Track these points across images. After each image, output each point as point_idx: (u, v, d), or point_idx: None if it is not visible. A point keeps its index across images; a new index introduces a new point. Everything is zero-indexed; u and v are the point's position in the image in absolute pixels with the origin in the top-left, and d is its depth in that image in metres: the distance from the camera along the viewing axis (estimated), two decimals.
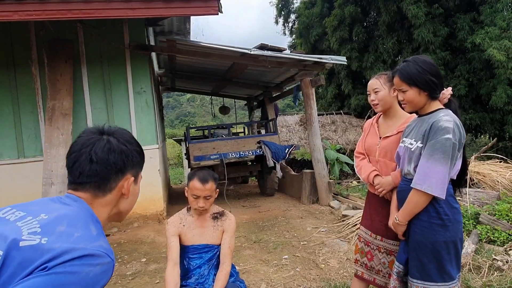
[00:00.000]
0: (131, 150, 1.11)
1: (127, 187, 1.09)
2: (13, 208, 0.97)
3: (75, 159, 1.04)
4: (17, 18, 3.93)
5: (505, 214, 3.85)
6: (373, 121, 2.52)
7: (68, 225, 0.90)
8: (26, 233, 0.85)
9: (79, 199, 1.02)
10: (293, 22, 17.52)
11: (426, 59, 1.98)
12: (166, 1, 4.27)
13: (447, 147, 1.78)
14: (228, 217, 2.42)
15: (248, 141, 6.78)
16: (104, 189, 1.05)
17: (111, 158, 1.05)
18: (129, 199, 1.13)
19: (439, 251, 1.86)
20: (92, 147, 1.04)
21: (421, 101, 1.95)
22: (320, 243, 4.42)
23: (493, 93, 9.84)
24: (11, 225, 0.89)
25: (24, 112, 5.06)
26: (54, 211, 0.94)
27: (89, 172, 1.03)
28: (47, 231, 0.87)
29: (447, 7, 11.12)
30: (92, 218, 1.00)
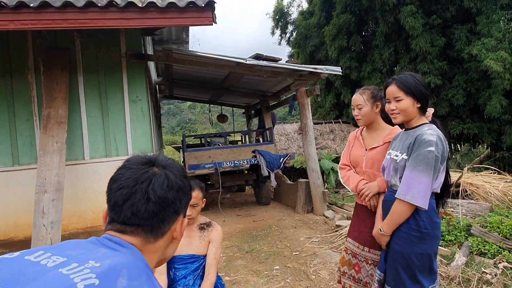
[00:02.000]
0: (187, 186, 0.96)
1: (180, 230, 0.94)
2: (46, 251, 0.78)
3: (126, 197, 0.86)
4: (13, 27, 3.97)
5: (496, 226, 3.85)
6: (357, 133, 2.57)
7: (130, 278, 0.74)
8: (82, 286, 0.67)
9: (129, 245, 0.84)
10: (290, 33, 17.64)
11: (420, 75, 2.10)
12: (161, 12, 4.31)
13: (430, 159, 1.82)
14: (215, 228, 2.43)
15: (243, 150, 6.79)
16: (157, 233, 0.88)
17: (170, 196, 0.89)
18: (176, 243, 0.96)
19: (414, 261, 1.91)
20: (149, 183, 0.87)
21: (413, 112, 2.01)
22: (312, 253, 4.41)
23: (488, 102, 9.88)
24: (54, 273, 0.70)
25: (19, 120, 5.08)
26: (104, 257, 0.77)
27: (145, 213, 0.86)
28: (107, 284, 0.70)
29: (444, 17, 11.21)
30: (150, 270, 0.82)
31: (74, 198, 5.08)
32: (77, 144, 5.24)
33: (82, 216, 5.24)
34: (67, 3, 4.04)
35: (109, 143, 5.37)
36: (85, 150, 5.28)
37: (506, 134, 10.28)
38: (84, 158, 5.28)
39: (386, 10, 11.45)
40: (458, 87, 10.88)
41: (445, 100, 11.05)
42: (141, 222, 0.86)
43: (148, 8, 4.29)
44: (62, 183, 4.59)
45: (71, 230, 5.17)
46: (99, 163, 5.33)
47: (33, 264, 0.73)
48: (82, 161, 5.26)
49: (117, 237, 0.85)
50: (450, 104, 10.98)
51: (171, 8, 4.34)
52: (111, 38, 5.26)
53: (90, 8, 4.15)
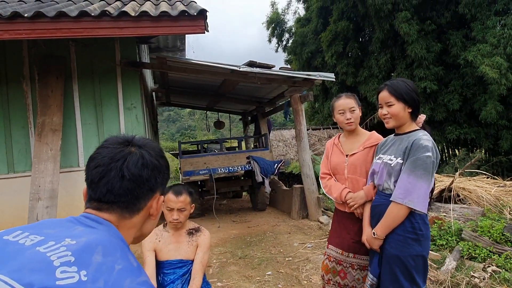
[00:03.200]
0: (162, 165, 0.97)
1: (156, 207, 0.96)
2: (24, 230, 0.80)
3: (102, 174, 0.89)
4: (8, 37, 4.04)
5: (487, 230, 3.86)
6: (335, 140, 2.59)
7: (104, 254, 0.76)
8: (58, 263, 0.70)
9: (105, 222, 0.87)
10: (286, 40, 17.78)
11: (411, 81, 2.13)
12: (153, 20, 4.38)
13: (428, 164, 1.87)
14: (203, 233, 2.45)
15: (239, 156, 6.83)
16: (132, 210, 0.91)
17: (144, 174, 0.91)
18: (154, 220, 1.00)
19: (412, 264, 1.93)
20: (124, 162, 0.89)
21: (405, 117, 2.05)
22: (305, 259, 4.42)
23: (483, 108, 9.92)
24: (31, 252, 0.72)
25: (15, 128, 5.13)
26: (80, 235, 0.79)
27: (120, 190, 0.89)
28: (82, 261, 0.72)
29: (439, 23, 11.29)
30: (125, 245, 0.85)
31: (69, 205, 5.10)
32: (72, 151, 5.28)
33: None
34: (61, 13, 4.11)
35: None
36: (80, 157, 5.32)
37: (503, 139, 10.31)
38: (79, 165, 5.31)
39: (381, 17, 11.54)
40: (454, 92, 10.94)
41: (442, 105, 11.09)
42: (116, 199, 0.89)
43: (141, 17, 4.36)
44: (56, 190, 4.62)
45: None
46: None
47: (12, 243, 0.75)
48: (77, 168, 5.29)
49: (94, 215, 0.88)
50: (447, 109, 11.02)
51: (164, 17, 4.41)
52: (106, 46, 5.33)
53: (84, 18, 4.22)
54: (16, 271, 0.68)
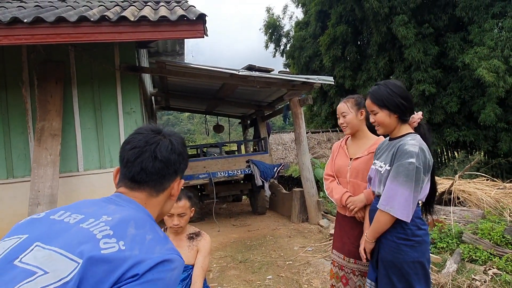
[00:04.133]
0: (186, 153, 1.14)
1: (176, 188, 1.12)
2: (66, 210, 0.95)
3: (137, 154, 1.03)
4: (7, 42, 4.04)
5: (487, 233, 3.86)
6: (342, 143, 2.57)
7: (137, 227, 0.91)
8: (100, 236, 0.85)
9: (133, 201, 1.02)
10: (284, 45, 17.83)
11: (397, 83, 2.05)
12: (153, 25, 4.39)
13: (410, 171, 1.81)
14: (203, 238, 2.45)
15: (238, 160, 6.83)
16: (159, 189, 1.06)
17: (172, 158, 1.07)
18: (173, 200, 1.16)
19: (408, 271, 1.89)
20: (157, 145, 1.05)
21: (392, 124, 2.01)
22: (305, 262, 4.41)
23: (482, 110, 9.94)
24: (77, 228, 0.87)
25: (14, 133, 5.12)
26: (114, 212, 0.94)
27: (152, 169, 1.03)
28: (120, 234, 0.86)
29: (437, 26, 11.35)
30: (152, 220, 1.01)
31: None
32: (71, 156, 5.27)
33: None
34: (60, 18, 4.12)
35: (103, 154, 5.40)
36: (79, 162, 5.31)
37: (502, 141, 10.33)
38: (78, 170, 5.30)
39: (378, 20, 11.60)
40: (453, 95, 10.97)
41: (440, 108, 11.12)
42: (147, 178, 1.03)
43: (140, 22, 4.37)
44: (56, 195, 4.61)
45: None
46: (93, 175, 5.35)
47: (59, 222, 0.90)
48: (76, 173, 5.28)
49: (124, 195, 1.03)
50: (445, 112, 11.05)
51: (163, 22, 4.42)
52: (105, 51, 5.33)
53: (83, 23, 4.23)
54: (67, 244, 0.83)
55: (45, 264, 0.80)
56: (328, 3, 13.74)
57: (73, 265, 0.80)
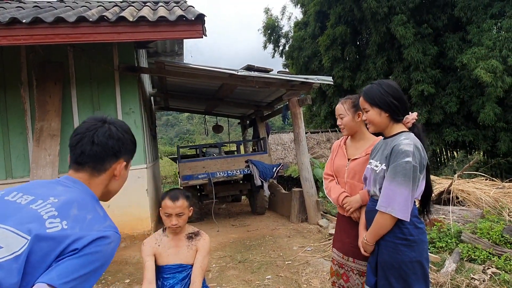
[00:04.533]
0: (127, 139, 1.28)
1: (119, 169, 1.25)
2: (18, 191, 1.08)
3: (78, 140, 1.20)
4: (6, 43, 4.05)
5: (486, 232, 3.86)
6: (341, 142, 2.57)
7: (79, 208, 1.06)
8: (46, 217, 0.99)
9: (78, 181, 1.17)
10: (283, 46, 17.85)
11: (391, 83, 2.06)
12: (151, 25, 4.40)
13: (408, 170, 1.82)
14: (203, 237, 2.44)
15: (237, 160, 6.83)
16: (99, 169, 1.20)
17: (110, 142, 1.21)
18: (118, 181, 1.28)
19: (406, 271, 1.88)
20: (95, 132, 1.20)
21: (383, 122, 2.01)
22: (304, 262, 4.41)
23: (481, 110, 9.95)
24: (27, 209, 1.01)
25: (13, 133, 5.13)
26: (61, 194, 1.08)
27: (90, 152, 1.18)
28: (63, 214, 1.01)
29: (435, 26, 11.36)
30: (94, 199, 1.17)
31: None
32: None
33: None
34: (59, 18, 4.13)
35: None
36: None
37: (501, 140, 10.34)
38: None
39: (377, 20, 11.61)
40: (452, 95, 10.98)
41: (439, 108, 11.13)
42: (87, 159, 1.19)
43: (139, 22, 4.38)
44: None
45: None
46: None
47: (12, 203, 1.04)
48: None
49: (71, 177, 1.19)
50: (444, 112, 11.06)
51: (162, 22, 4.43)
52: (104, 51, 5.34)
53: (82, 23, 4.24)
54: (18, 223, 0.97)
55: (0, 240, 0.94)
56: (327, 3, 13.75)
57: (23, 241, 0.94)
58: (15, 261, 0.92)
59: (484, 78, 8.96)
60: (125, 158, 1.27)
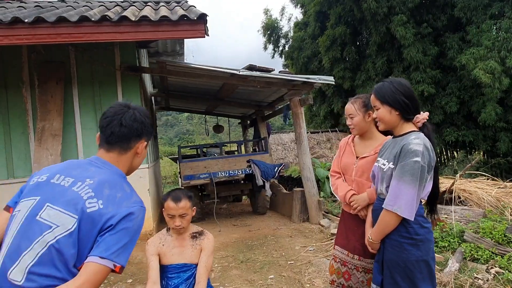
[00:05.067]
0: (148, 122, 1.51)
1: (141, 148, 1.48)
2: (60, 173, 1.32)
3: (108, 122, 1.41)
4: (8, 42, 4.04)
5: (489, 232, 3.86)
6: (349, 140, 2.57)
7: (110, 188, 1.29)
8: (86, 197, 1.23)
9: (107, 162, 1.40)
10: (283, 46, 17.84)
11: (402, 81, 2.05)
12: (154, 25, 4.39)
13: (416, 170, 1.82)
14: (207, 237, 2.44)
15: (239, 160, 6.82)
16: (126, 148, 1.42)
17: (135, 125, 1.43)
18: (140, 158, 1.51)
19: (412, 270, 1.89)
20: (122, 115, 1.42)
21: (393, 120, 2.01)
22: (307, 262, 4.41)
23: (483, 110, 9.96)
24: (71, 192, 1.26)
25: (14, 133, 5.12)
26: (94, 175, 1.32)
27: (119, 132, 1.40)
28: (98, 194, 1.25)
29: (435, 27, 11.37)
30: (122, 177, 1.40)
31: None
32: (72, 156, 5.26)
33: None
34: (61, 18, 4.12)
35: None
36: None
37: (501, 140, 10.35)
38: None
39: (377, 20, 11.61)
40: (452, 95, 10.99)
41: (439, 108, 11.14)
42: (116, 139, 1.40)
43: (141, 21, 4.37)
44: None
45: None
46: None
47: (58, 185, 1.28)
48: None
49: (102, 158, 1.41)
50: (444, 112, 11.06)
51: (164, 22, 4.42)
52: (106, 51, 5.34)
53: (84, 23, 4.23)
54: (66, 205, 1.22)
55: (56, 219, 1.20)
56: (327, 3, 13.75)
57: (73, 220, 1.20)
58: (70, 236, 1.18)
59: (482, 79, 8.97)
60: (146, 139, 1.50)
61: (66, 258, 1.16)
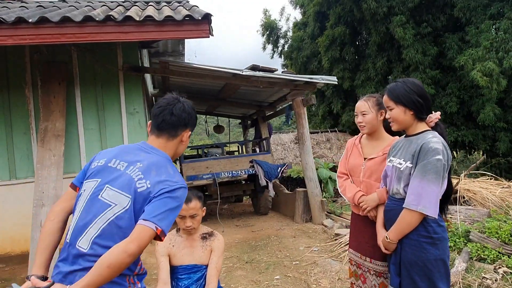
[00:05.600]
0: (193, 114, 1.68)
1: (186, 136, 1.65)
2: (116, 158, 1.53)
3: (161, 111, 1.59)
4: (12, 42, 4.00)
5: (495, 231, 3.87)
6: (356, 141, 2.55)
7: (156, 170, 1.48)
8: (136, 179, 1.44)
9: (155, 148, 1.59)
10: (282, 46, 17.84)
11: (415, 81, 2.06)
12: (158, 25, 4.36)
13: (439, 168, 1.82)
14: (217, 238, 2.42)
15: (241, 160, 6.81)
16: (173, 135, 1.60)
17: (183, 115, 1.61)
18: (183, 145, 1.68)
19: (430, 269, 1.88)
20: (173, 106, 1.60)
21: (407, 120, 2.01)
22: (312, 262, 4.40)
23: (481, 111, 9.98)
24: (125, 174, 1.47)
25: (16, 134, 5.08)
26: (144, 159, 1.51)
27: (169, 120, 1.58)
28: (147, 176, 1.45)
29: (435, 27, 11.40)
30: (167, 160, 1.58)
31: None
32: (74, 157, 5.23)
33: None
34: (65, 18, 4.09)
35: None
36: (82, 163, 5.26)
37: (500, 140, 10.39)
38: None
39: (377, 20, 11.63)
40: (452, 95, 11.02)
41: (439, 108, 11.16)
42: (166, 126, 1.59)
43: (145, 21, 4.34)
44: (60, 196, 4.56)
45: None
46: None
47: (115, 169, 1.50)
48: None
49: (151, 145, 1.60)
50: (444, 112, 11.08)
51: (168, 21, 4.40)
52: (108, 51, 5.30)
53: (88, 23, 4.20)
54: (121, 186, 1.45)
55: (114, 199, 1.43)
56: (327, 4, 13.76)
57: (127, 199, 1.42)
58: (126, 212, 1.40)
59: (480, 82, 8.99)
60: (191, 128, 1.68)
61: (123, 232, 1.37)
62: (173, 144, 1.62)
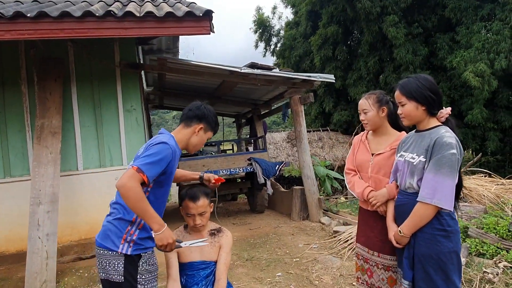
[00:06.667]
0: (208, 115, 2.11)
1: (198, 128, 2.08)
2: None
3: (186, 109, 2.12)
4: (9, 37, 3.91)
5: (493, 227, 3.94)
6: (363, 137, 2.57)
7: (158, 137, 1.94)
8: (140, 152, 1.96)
9: (167, 131, 2.04)
10: (274, 45, 17.85)
11: (427, 77, 2.08)
12: (158, 21, 4.32)
13: (453, 162, 1.85)
14: (225, 234, 2.42)
15: (238, 158, 6.79)
16: (188, 124, 2.07)
17: (197, 112, 2.07)
18: (196, 138, 2.10)
19: (445, 262, 1.90)
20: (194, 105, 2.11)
21: (419, 115, 2.03)
22: (312, 259, 4.42)
23: (470, 112, 10.17)
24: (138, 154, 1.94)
25: (11, 131, 4.97)
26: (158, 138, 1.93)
27: (187, 114, 2.09)
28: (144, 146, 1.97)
29: (426, 27, 11.56)
30: (168, 135, 1.99)
31: (68, 210, 4.97)
32: (70, 155, 5.15)
33: (76, 228, 5.12)
34: (64, 13, 4.02)
35: (103, 153, 5.29)
36: (79, 161, 5.19)
37: (490, 140, 10.61)
38: (78, 168, 5.19)
39: (370, 20, 11.73)
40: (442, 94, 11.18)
41: None
42: (184, 118, 2.10)
43: (145, 17, 4.30)
44: (57, 194, 4.49)
45: (65, 243, 5.04)
46: (93, 174, 5.24)
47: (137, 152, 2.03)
48: (76, 172, 5.17)
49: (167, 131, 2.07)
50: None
51: (169, 18, 4.36)
52: (105, 47, 5.23)
53: (87, 18, 4.14)
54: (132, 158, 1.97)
55: None
56: (319, 3, 13.82)
57: None
58: None
59: (472, 82, 9.16)
60: (204, 125, 2.09)
61: None
62: (186, 132, 2.06)
